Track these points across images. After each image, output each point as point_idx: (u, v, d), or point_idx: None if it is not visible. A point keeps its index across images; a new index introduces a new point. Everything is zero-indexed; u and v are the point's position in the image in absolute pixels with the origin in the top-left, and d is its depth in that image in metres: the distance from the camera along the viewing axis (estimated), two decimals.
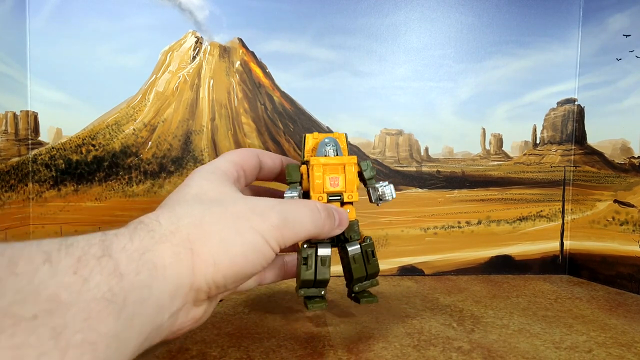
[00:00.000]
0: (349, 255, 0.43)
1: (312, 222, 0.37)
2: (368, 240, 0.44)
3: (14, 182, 0.65)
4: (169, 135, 0.71)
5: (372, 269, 0.44)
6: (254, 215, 0.34)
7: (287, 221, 0.35)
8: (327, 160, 0.42)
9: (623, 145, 0.69)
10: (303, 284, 0.41)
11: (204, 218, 0.32)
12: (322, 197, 0.42)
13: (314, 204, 0.38)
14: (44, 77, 0.67)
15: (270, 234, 0.34)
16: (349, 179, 0.42)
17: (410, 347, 0.47)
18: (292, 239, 0.35)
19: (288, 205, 0.36)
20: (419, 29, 0.74)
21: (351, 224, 0.43)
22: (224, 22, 0.71)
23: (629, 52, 0.68)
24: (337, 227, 0.40)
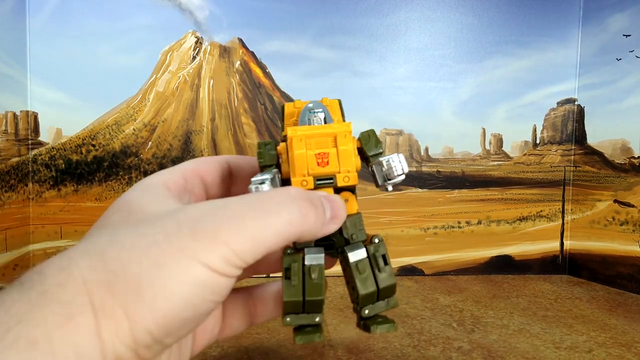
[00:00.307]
0: (351, 263, 0.30)
1: (285, 219, 0.25)
2: (377, 241, 0.31)
3: (14, 182, 0.65)
4: (169, 135, 0.71)
5: (385, 281, 0.30)
6: (185, 230, 0.23)
7: (242, 227, 0.24)
8: (311, 130, 0.30)
9: (623, 145, 0.69)
10: (288, 307, 0.29)
11: (110, 253, 0.23)
12: (306, 181, 0.29)
13: (288, 191, 0.26)
14: (44, 77, 0.67)
15: (213, 253, 0.23)
16: (344, 153, 0.29)
17: (410, 347, 0.47)
18: (255, 251, 0.24)
19: (242, 202, 0.25)
20: (419, 29, 0.74)
21: (352, 219, 0.31)
22: (224, 22, 0.70)
23: (629, 52, 0.68)
24: (330, 222, 0.28)
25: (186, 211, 0.25)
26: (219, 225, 0.24)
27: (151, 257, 0.22)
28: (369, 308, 0.30)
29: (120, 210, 0.27)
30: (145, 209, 0.26)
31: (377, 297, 0.30)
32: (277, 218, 0.25)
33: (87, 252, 0.23)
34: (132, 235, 0.23)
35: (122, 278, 0.22)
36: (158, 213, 0.25)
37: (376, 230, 0.74)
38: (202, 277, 0.23)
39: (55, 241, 0.69)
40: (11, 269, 0.65)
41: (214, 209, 0.25)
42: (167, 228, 0.23)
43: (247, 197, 0.26)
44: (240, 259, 0.24)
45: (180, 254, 0.22)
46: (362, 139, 0.31)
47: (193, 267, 0.23)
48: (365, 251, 0.30)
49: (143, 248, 0.23)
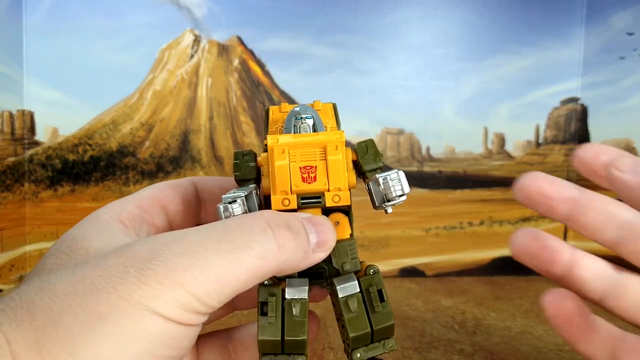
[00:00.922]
0: (340, 299, 0.25)
1: (257, 253, 0.21)
2: (372, 273, 0.26)
3: (10, 182, 0.65)
4: (166, 134, 0.70)
5: (382, 320, 0.25)
6: (132, 271, 0.19)
7: (202, 265, 0.20)
8: (296, 140, 0.25)
9: (627, 145, 0.69)
10: (263, 346, 0.24)
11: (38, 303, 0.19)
12: (288, 199, 0.25)
13: (262, 216, 0.22)
14: (40, 75, 0.67)
15: (167, 299, 0.19)
16: (334, 167, 0.25)
17: (412, 349, 0.46)
18: (220, 293, 0.20)
19: (203, 233, 0.21)
20: (420, 27, 0.73)
21: (342, 245, 0.26)
22: (223, 20, 0.70)
23: (633, 51, 0.68)
24: (315, 250, 0.24)
25: (134, 248, 0.20)
26: (173, 263, 0.19)
27: (88, 308, 0.18)
28: (361, 351, 0.25)
29: (59, 250, 0.22)
30: (88, 247, 0.22)
31: (372, 338, 0.25)
32: (247, 252, 0.20)
33: (12, 304, 0.19)
34: (66, 281, 0.19)
35: (52, 335, 0.18)
36: (102, 252, 0.21)
37: (377, 230, 0.73)
38: (153, 329, 0.19)
39: (52, 242, 0.68)
40: (7, 270, 0.65)
41: (168, 243, 0.20)
42: (110, 270, 0.19)
43: (209, 227, 0.21)
44: (203, 303, 0.20)
45: (124, 302, 0.18)
46: (359, 150, 0.27)
47: (142, 317, 0.18)
48: (358, 285, 0.26)
49: (79, 296, 0.19)
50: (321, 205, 0.25)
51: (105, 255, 0.20)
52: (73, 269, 0.20)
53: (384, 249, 0.74)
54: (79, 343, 0.18)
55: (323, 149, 0.25)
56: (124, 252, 0.20)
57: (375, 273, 0.26)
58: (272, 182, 0.25)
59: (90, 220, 0.25)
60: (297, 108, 0.26)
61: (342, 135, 0.25)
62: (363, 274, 0.26)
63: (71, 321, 0.18)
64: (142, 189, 0.28)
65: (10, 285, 0.65)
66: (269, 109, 0.28)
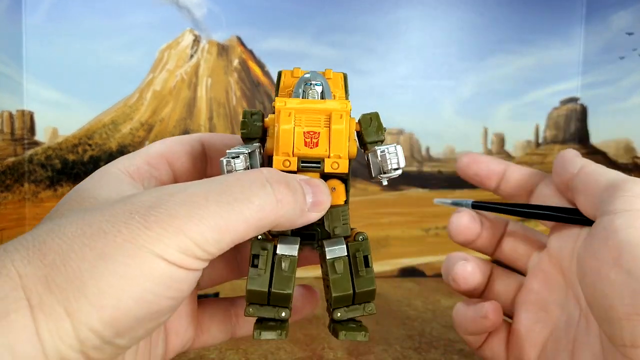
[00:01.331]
0: (327, 260, 0.27)
1: (257, 205, 0.22)
2: (361, 239, 0.27)
3: (10, 182, 0.65)
4: (166, 134, 0.70)
5: (364, 284, 0.27)
6: (137, 217, 0.21)
7: (203, 213, 0.21)
8: (302, 105, 0.26)
9: (627, 145, 0.69)
10: (250, 296, 0.25)
11: (49, 243, 0.20)
12: (289, 161, 0.26)
13: (261, 172, 0.23)
14: (40, 75, 0.67)
15: (168, 243, 0.20)
16: (336, 135, 0.26)
17: (412, 349, 0.46)
18: (220, 241, 0.21)
19: (205, 185, 0.22)
20: (419, 26, 0.73)
21: (336, 210, 0.27)
22: (222, 20, 0.70)
23: (633, 51, 0.68)
24: (311, 209, 0.25)
25: (140, 197, 0.22)
26: (175, 211, 0.21)
27: (95, 248, 0.20)
28: (342, 311, 0.27)
29: (70, 198, 0.24)
30: (97, 195, 0.23)
31: (353, 300, 0.27)
32: (246, 204, 0.22)
33: (25, 243, 0.20)
34: (76, 224, 0.21)
35: (61, 271, 0.19)
36: (110, 200, 0.23)
37: (376, 230, 0.73)
38: (155, 271, 0.20)
39: None
40: None
41: (171, 193, 0.22)
42: (117, 215, 0.21)
43: (211, 180, 0.23)
44: (202, 249, 0.21)
45: (129, 244, 0.20)
46: (363, 122, 0.28)
47: (144, 259, 0.20)
48: (346, 248, 0.27)
49: (87, 237, 0.20)
50: (320, 170, 0.26)
51: (112, 203, 0.22)
52: (82, 214, 0.21)
53: (384, 249, 0.74)
54: (86, 279, 0.19)
55: (328, 116, 0.26)
56: (130, 200, 0.22)
57: (363, 239, 0.27)
58: (276, 143, 0.26)
59: (100, 173, 0.26)
60: (307, 74, 0.27)
61: (347, 104, 0.26)
62: (352, 240, 0.27)
63: (79, 259, 0.19)
64: (151, 144, 0.29)
65: None
66: (281, 72, 0.29)
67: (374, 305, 0.27)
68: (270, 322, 0.26)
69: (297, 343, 0.47)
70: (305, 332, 0.50)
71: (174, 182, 0.29)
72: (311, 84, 0.27)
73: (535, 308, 0.31)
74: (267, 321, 0.26)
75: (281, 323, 0.26)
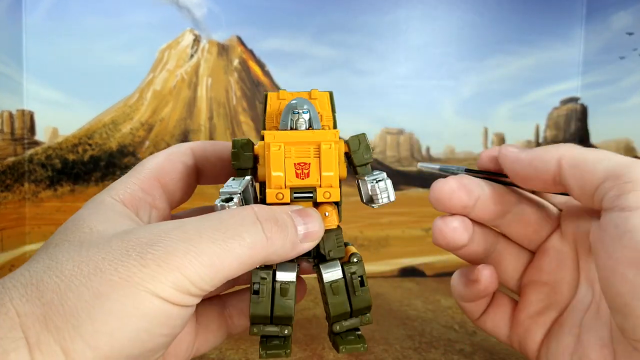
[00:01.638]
0: (325, 284, 0.28)
1: (247, 243, 0.23)
2: (356, 260, 0.28)
3: (10, 182, 0.65)
4: (166, 134, 0.70)
5: (360, 302, 0.28)
6: (133, 255, 0.21)
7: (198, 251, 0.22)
8: (292, 137, 0.27)
9: (627, 145, 0.68)
10: (254, 319, 0.27)
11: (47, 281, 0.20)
12: (282, 194, 0.27)
13: (252, 210, 0.24)
14: (40, 75, 0.67)
15: (164, 281, 0.21)
16: (327, 165, 0.27)
17: (412, 349, 0.46)
18: (213, 278, 0.22)
19: (200, 223, 0.23)
20: (420, 26, 0.73)
21: (329, 234, 0.28)
22: (222, 20, 0.70)
23: (633, 51, 0.68)
24: (303, 240, 0.26)
25: (136, 233, 0.22)
26: (171, 249, 0.21)
27: (92, 287, 0.20)
28: (340, 325, 0.28)
29: (66, 228, 0.24)
30: (92, 227, 0.24)
31: (350, 314, 0.28)
32: (238, 242, 0.23)
33: (22, 280, 0.21)
34: (72, 261, 0.21)
35: (59, 311, 0.19)
36: (106, 234, 0.23)
37: (376, 230, 0.73)
38: (150, 309, 0.20)
39: None
40: (7, 270, 0.65)
41: (167, 230, 0.22)
42: (113, 253, 0.21)
43: (205, 218, 0.24)
44: (197, 287, 0.22)
45: (125, 282, 0.20)
46: (351, 144, 0.29)
47: (140, 297, 0.20)
48: (342, 271, 0.28)
49: (84, 276, 0.20)
50: (312, 200, 0.27)
51: (109, 239, 0.22)
52: (79, 249, 0.22)
53: (384, 249, 0.74)
54: (82, 318, 0.19)
55: (317, 146, 0.27)
56: (126, 236, 0.22)
57: (358, 261, 0.28)
58: (268, 177, 0.27)
59: (95, 203, 0.26)
60: (294, 101, 0.28)
61: (336, 134, 0.27)
62: (347, 260, 0.28)
63: (76, 299, 0.20)
64: (143, 162, 0.30)
65: None
66: (267, 94, 0.29)
67: (370, 316, 0.29)
68: (274, 339, 0.28)
69: (297, 343, 0.47)
70: (305, 332, 0.50)
71: (167, 202, 0.30)
72: (298, 112, 0.27)
73: (545, 288, 0.29)
74: (271, 338, 0.28)
75: (284, 340, 0.28)
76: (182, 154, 0.30)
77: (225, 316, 0.31)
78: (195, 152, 0.31)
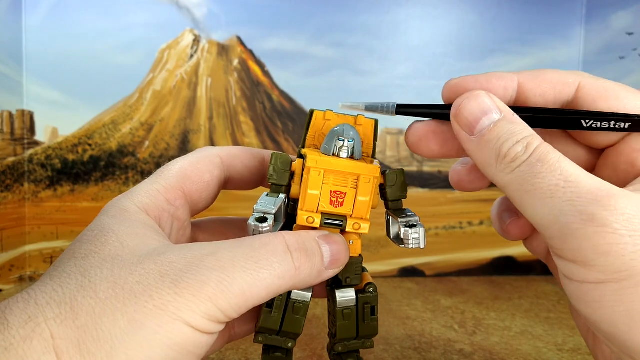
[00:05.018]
0: (337, 307, 0.29)
1: (277, 273, 0.23)
2: (371, 291, 0.30)
3: (10, 182, 0.65)
4: (166, 134, 0.70)
5: (367, 330, 0.29)
6: (167, 282, 0.21)
7: (230, 281, 0.22)
8: (334, 165, 0.27)
9: None
10: (262, 329, 0.28)
11: (81, 302, 0.20)
12: (312, 218, 0.27)
13: (280, 241, 0.25)
14: (40, 75, 0.67)
15: (197, 311, 0.21)
16: (362, 199, 0.27)
17: (412, 349, 0.46)
18: (242, 306, 0.22)
19: (233, 250, 0.23)
20: (420, 26, 0.73)
21: (350, 262, 0.28)
22: (222, 20, 0.70)
23: (633, 51, 0.68)
24: (328, 267, 0.26)
25: (170, 256, 0.22)
26: (205, 278, 0.21)
27: (127, 314, 0.20)
28: (343, 345, 0.29)
29: (94, 239, 0.24)
30: (122, 241, 0.24)
31: (355, 337, 0.29)
32: (269, 271, 0.23)
33: (56, 298, 0.20)
34: (107, 281, 0.21)
35: (93, 336, 0.20)
36: (137, 251, 0.23)
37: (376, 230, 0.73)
38: (182, 338, 0.21)
39: (52, 242, 0.68)
40: (7, 270, 0.65)
41: (202, 257, 0.22)
42: (147, 277, 0.21)
43: (238, 244, 0.24)
44: (225, 315, 0.22)
45: (159, 311, 0.20)
46: (388, 179, 0.29)
47: (173, 327, 0.21)
48: (355, 298, 0.29)
49: (119, 301, 0.20)
50: (341, 228, 0.28)
51: (141, 259, 0.22)
52: (111, 268, 0.22)
53: (384, 249, 0.74)
54: (116, 346, 0.20)
55: (357, 178, 0.27)
56: (159, 259, 0.22)
57: (373, 292, 0.30)
58: (302, 198, 0.27)
59: (118, 210, 0.26)
60: (338, 128, 0.27)
61: (376, 170, 0.27)
62: (362, 288, 0.29)
63: (111, 324, 0.20)
64: (169, 166, 0.29)
65: (10, 285, 0.65)
66: (313, 111, 0.29)
67: (372, 341, 0.30)
68: (277, 351, 0.29)
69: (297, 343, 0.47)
70: (305, 332, 0.50)
71: (189, 213, 0.30)
72: (344, 140, 0.27)
73: None
74: (273, 349, 0.29)
75: (287, 353, 0.29)
76: (210, 163, 0.30)
77: (228, 326, 0.31)
78: (224, 161, 0.31)
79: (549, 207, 0.22)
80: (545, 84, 0.28)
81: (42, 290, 0.21)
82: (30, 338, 0.19)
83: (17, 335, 0.19)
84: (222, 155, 0.31)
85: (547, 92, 0.28)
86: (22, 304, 0.20)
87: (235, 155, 0.31)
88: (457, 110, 0.26)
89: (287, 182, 0.28)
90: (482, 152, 0.25)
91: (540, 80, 0.28)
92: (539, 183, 0.22)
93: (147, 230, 0.25)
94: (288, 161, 0.28)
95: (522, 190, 0.23)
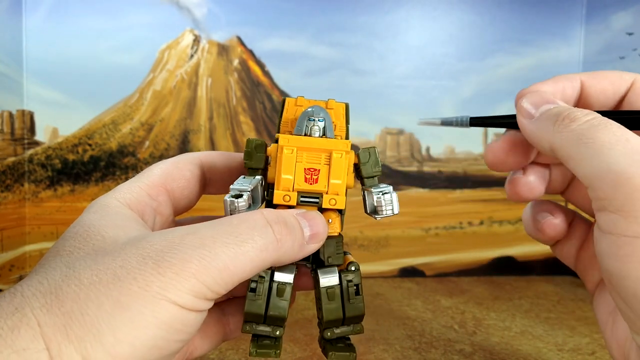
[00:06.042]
0: (321, 288, 0.29)
1: (260, 245, 0.24)
2: (353, 269, 0.29)
3: (10, 182, 0.65)
4: (166, 134, 0.70)
5: (353, 311, 0.29)
6: (150, 263, 0.21)
7: (212, 256, 0.22)
8: (305, 143, 0.28)
9: None
10: (248, 317, 0.28)
11: (66, 290, 0.21)
12: (289, 196, 0.28)
13: (262, 214, 0.25)
14: (40, 75, 0.67)
15: (181, 288, 0.21)
16: (336, 173, 0.28)
17: (412, 349, 0.46)
18: (228, 282, 0.23)
19: (212, 228, 0.23)
20: (420, 26, 0.73)
21: (331, 240, 0.29)
22: (222, 20, 0.70)
23: (633, 51, 0.68)
24: (309, 242, 0.26)
25: (150, 240, 0.23)
26: (187, 255, 0.22)
27: (112, 297, 0.20)
28: (331, 331, 0.29)
29: (77, 235, 0.24)
30: (104, 234, 0.24)
31: (343, 321, 0.29)
32: (251, 245, 0.23)
33: (41, 289, 0.21)
34: (90, 269, 0.21)
35: (79, 320, 0.20)
36: (118, 240, 0.23)
37: (376, 230, 0.73)
38: (168, 317, 0.21)
39: (52, 242, 0.68)
40: (7, 270, 0.65)
41: (181, 236, 0.23)
42: (129, 261, 0.22)
43: (217, 223, 0.24)
44: (212, 291, 0.22)
45: (144, 292, 0.21)
46: (362, 156, 0.30)
47: (159, 306, 0.21)
48: (339, 277, 0.29)
49: (103, 285, 0.21)
50: (318, 205, 0.28)
51: (123, 246, 0.23)
52: (94, 257, 0.22)
53: (384, 249, 0.74)
54: (103, 328, 0.20)
55: (329, 154, 0.28)
56: (139, 243, 0.23)
57: (355, 270, 0.29)
58: (277, 178, 0.28)
59: (101, 206, 0.27)
60: (310, 109, 0.28)
61: (347, 144, 0.28)
62: (344, 268, 0.29)
63: (96, 308, 0.20)
64: (150, 167, 0.30)
65: (10, 285, 0.65)
66: (286, 99, 0.30)
67: (361, 326, 0.30)
68: (265, 339, 0.29)
69: (297, 343, 0.47)
70: (305, 332, 0.50)
71: (172, 209, 0.31)
72: (314, 119, 0.28)
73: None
74: (262, 338, 0.29)
75: (275, 341, 0.29)
76: (190, 162, 0.31)
77: (222, 323, 0.32)
78: (203, 162, 0.31)
79: (605, 157, 0.22)
80: (605, 80, 0.30)
81: (28, 284, 0.21)
82: (18, 327, 0.19)
83: (4, 326, 0.19)
84: (201, 157, 0.32)
85: (607, 87, 0.30)
86: (9, 297, 0.21)
87: (214, 156, 0.32)
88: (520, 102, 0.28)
89: (262, 165, 0.29)
90: (540, 123, 0.26)
91: (601, 77, 0.30)
92: (599, 137, 0.23)
93: (129, 222, 0.26)
94: (263, 145, 0.29)
95: (579, 144, 0.23)
